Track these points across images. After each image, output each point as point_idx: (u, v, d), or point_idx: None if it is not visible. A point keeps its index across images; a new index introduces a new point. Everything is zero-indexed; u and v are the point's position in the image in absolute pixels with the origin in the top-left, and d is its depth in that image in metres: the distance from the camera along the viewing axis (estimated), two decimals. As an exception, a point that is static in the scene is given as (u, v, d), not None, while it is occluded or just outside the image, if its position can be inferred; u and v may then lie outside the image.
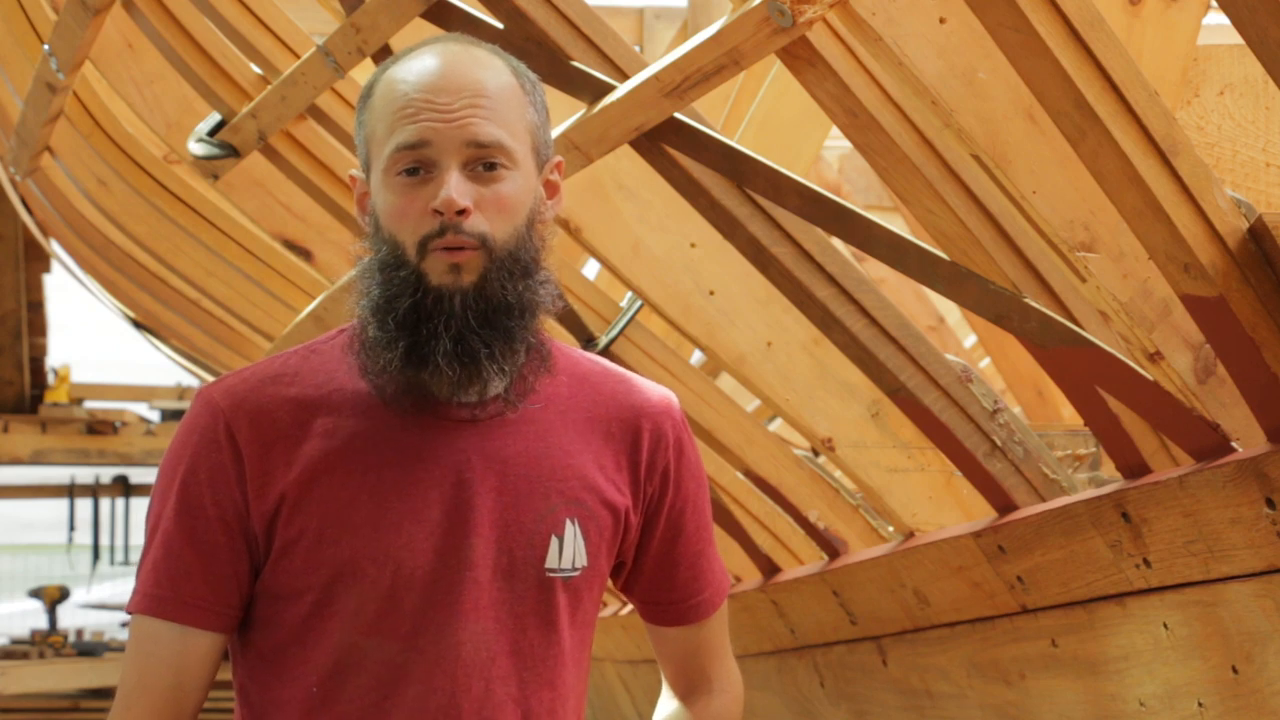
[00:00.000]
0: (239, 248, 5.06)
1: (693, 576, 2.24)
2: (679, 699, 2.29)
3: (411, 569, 2.05)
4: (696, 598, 2.25)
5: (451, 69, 2.05)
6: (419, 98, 2.03)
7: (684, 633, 2.27)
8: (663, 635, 2.28)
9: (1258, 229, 2.43)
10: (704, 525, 2.24)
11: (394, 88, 2.05)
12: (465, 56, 2.07)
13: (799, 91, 3.34)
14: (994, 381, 6.46)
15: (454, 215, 2.01)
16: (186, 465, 2.07)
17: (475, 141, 2.02)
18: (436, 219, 2.01)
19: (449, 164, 2.02)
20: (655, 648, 2.31)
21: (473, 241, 2.02)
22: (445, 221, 2.01)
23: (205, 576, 2.07)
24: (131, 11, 4.17)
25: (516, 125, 2.06)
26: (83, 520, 13.38)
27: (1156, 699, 3.01)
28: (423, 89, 2.03)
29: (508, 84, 2.07)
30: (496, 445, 2.09)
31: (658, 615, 2.27)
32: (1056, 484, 3.26)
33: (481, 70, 2.06)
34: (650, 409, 2.18)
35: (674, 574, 2.22)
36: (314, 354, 2.13)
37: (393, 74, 2.07)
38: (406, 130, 2.02)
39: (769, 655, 4.47)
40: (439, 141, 2.02)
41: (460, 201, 2.01)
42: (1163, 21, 3.01)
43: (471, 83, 2.04)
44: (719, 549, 2.32)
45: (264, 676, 2.10)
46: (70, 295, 10.19)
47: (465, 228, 2.01)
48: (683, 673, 2.29)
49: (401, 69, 2.07)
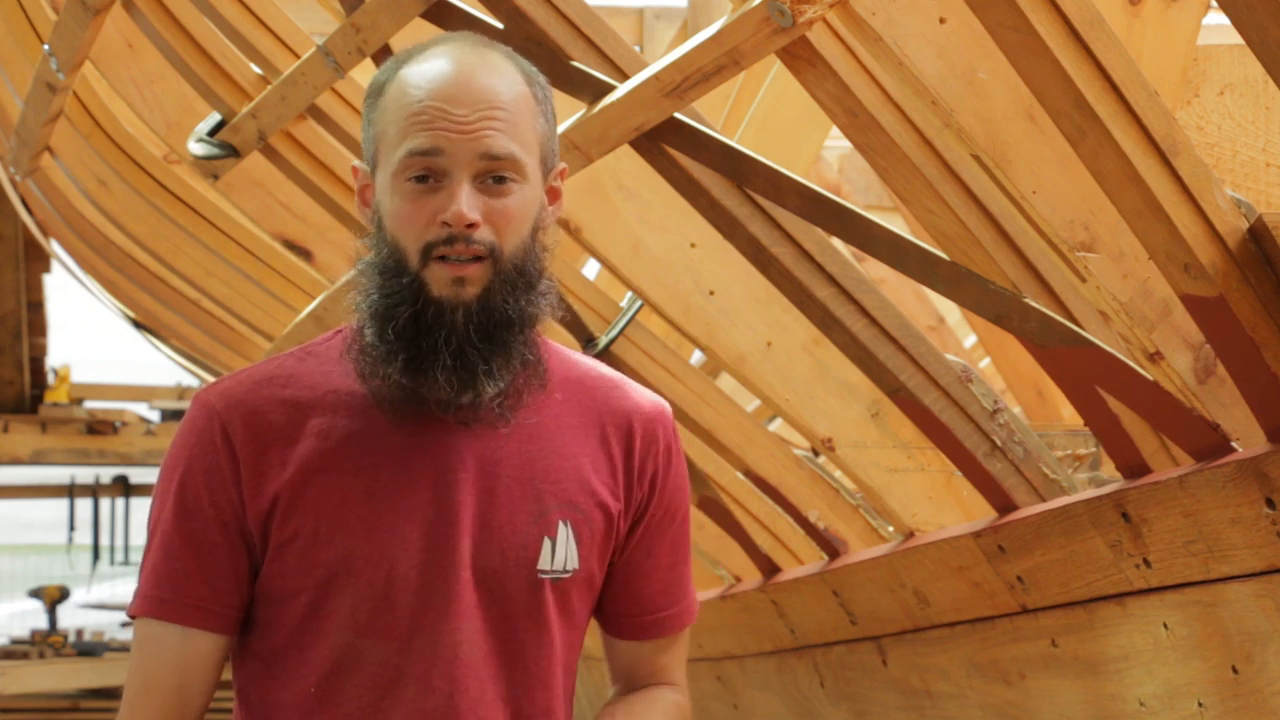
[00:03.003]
0: (239, 248, 5.06)
1: (661, 590, 2.21)
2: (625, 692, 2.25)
3: (405, 569, 2.05)
4: (662, 611, 2.21)
5: (467, 76, 2.04)
6: (433, 105, 2.02)
7: (643, 649, 2.23)
8: (618, 649, 2.24)
9: (1258, 229, 2.43)
10: (682, 541, 2.22)
11: (408, 91, 2.04)
12: (480, 63, 2.06)
13: (799, 91, 3.34)
14: (994, 381, 6.46)
15: (463, 229, 2.01)
16: (183, 467, 2.08)
17: (489, 154, 2.02)
18: (444, 229, 2.01)
19: (460, 175, 2.01)
20: (609, 660, 2.25)
21: (481, 250, 2.02)
22: (454, 233, 2.01)
23: (205, 578, 2.07)
24: (131, 11, 4.17)
25: (528, 136, 2.05)
26: (83, 520, 13.37)
27: (1156, 699, 3.01)
28: (438, 96, 2.02)
29: (521, 94, 2.06)
30: (490, 447, 2.09)
31: (618, 627, 2.23)
32: (1056, 484, 3.26)
33: (497, 79, 2.05)
34: (643, 414, 2.18)
35: (644, 584, 2.20)
36: (310, 356, 2.13)
37: (406, 75, 2.06)
38: (419, 138, 2.02)
39: (769, 655, 4.47)
40: (452, 152, 2.01)
41: (470, 216, 2.01)
42: (1163, 21, 3.01)
43: (487, 93, 2.03)
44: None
45: (262, 679, 2.11)
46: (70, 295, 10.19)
47: (474, 239, 2.02)
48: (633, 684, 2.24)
49: (415, 71, 2.05)
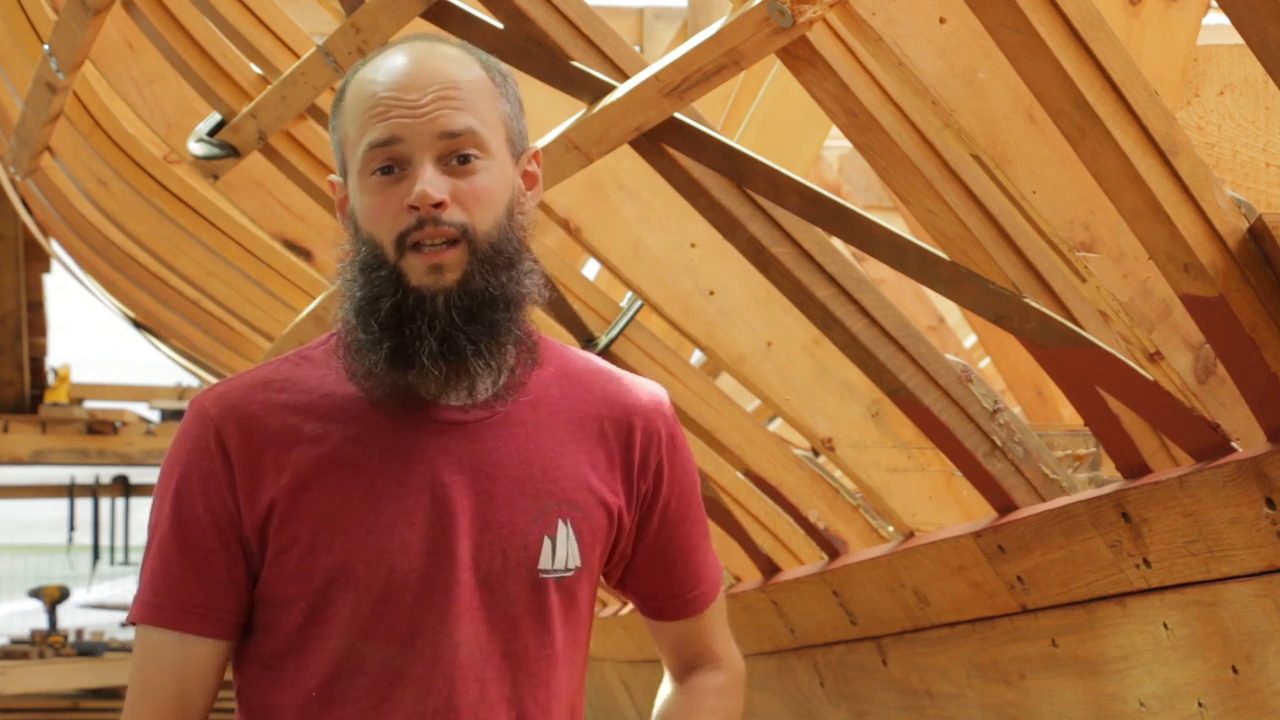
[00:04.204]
0: (239, 248, 5.06)
1: (689, 571, 2.24)
2: (676, 680, 2.30)
3: (405, 572, 2.05)
4: (694, 591, 2.26)
5: (419, 65, 2.05)
6: (388, 96, 2.03)
7: (683, 625, 2.28)
8: (663, 628, 2.29)
9: (1258, 229, 2.43)
10: (698, 520, 2.25)
11: (363, 88, 2.06)
12: (432, 53, 2.07)
13: (799, 91, 3.34)
14: (994, 381, 6.46)
15: (430, 209, 2.00)
16: (180, 474, 2.08)
17: (447, 132, 2.02)
18: (413, 214, 2.01)
19: (422, 159, 2.02)
20: (655, 638, 2.32)
21: (453, 232, 2.01)
22: (423, 215, 2.01)
23: (202, 584, 2.07)
24: (131, 11, 4.17)
25: (488, 115, 2.05)
26: (83, 520, 13.39)
27: (1156, 699, 3.01)
28: (391, 87, 2.03)
29: (476, 76, 2.07)
30: (487, 447, 2.08)
31: (656, 610, 2.28)
32: (1056, 484, 3.26)
33: (449, 64, 2.06)
34: (642, 406, 2.18)
35: (671, 570, 2.23)
36: (305, 360, 2.13)
37: (362, 75, 2.07)
38: (377, 129, 2.02)
39: (769, 655, 4.47)
40: (410, 137, 2.02)
41: (435, 195, 2.00)
42: (1163, 21, 3.01)
43: (440, 76, 2.04)
44: (719, 550, 2.32)
45: (263, 682, 2.10)
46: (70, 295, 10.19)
47: (444, 219, 2.01)
48: (681, 657, 2.30)
49: (369, 70, 2.07)
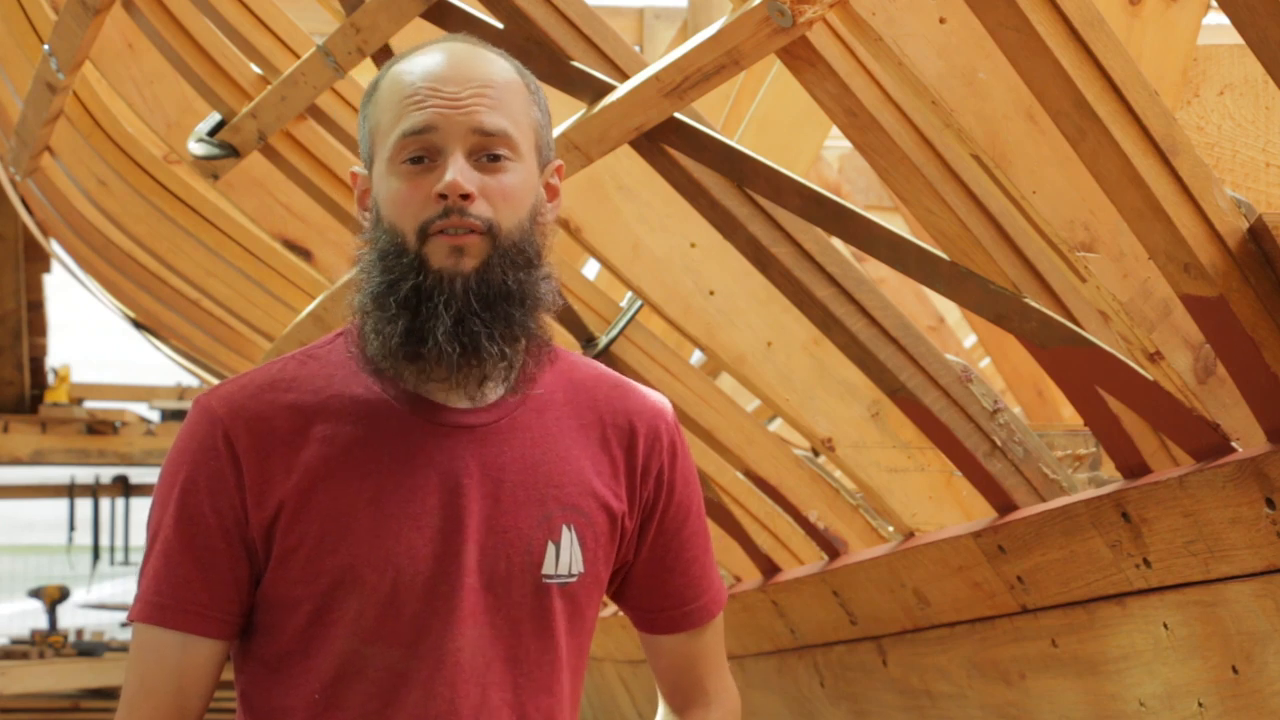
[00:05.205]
0: (239, 248, 5.06)
1: (687, 583, 2.22)
2: (675, 714, 2.28)
3: (411, 575, 2.04)
4: (692, 604, 2.23)
5: (459, 61, 2.06)
6: (425, 86, 2.04)
7: (679, 641, 2.24)
8: (658, 645, 2.26)
9: (1258, 229, 2.43)
10: (698, 531, 2.23)
11: (400, 79, 2.07)
12: (471, 53, 2.09)
13: (799, 91, 3.34)
14: (994, 381, 6.47)
15: (458, 199, 2.00)
16: (185, 474, 2.07)
17: (481, 129, 2.03)
18: (440, 203, 2.01)
19: (454, 150, 2.02)
20: (650, 660, 2.28)
21: (479, 225, 2.01)
22: (450, 205, 2.01)
23: (205, 584, 2.06)
24: (131, 11, 4.17)
25: (521, 119, 2.06)
26: (83, 520, 13.38)
27: (1156, 699, 3.01)
28: (429, 78, 2.05)
29: (513, 80, 2.08)
30: (494, 452, 2.08)
31: (652, 623, 2.25)
32: (1056, 484, 3.26)
33: (488, 65, 2.08)
34: (645, 414, 2.17)
35: (668, 580, 2.21)
36: (311, 359, 2.12)
37: (399, 68, 2.09)
38: (413, 117, 2.03)
39: (769, 655, 4.47)
40: (445, 127, 2.02)
41: (465, 185, 2.00)
42: (1163, 21, 3.01)
43: (479, 74, 2.05)
44: (719, 549, 2.31)
45: (266, 684, 2.10)
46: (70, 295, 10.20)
47: (471, 211, 2.01)
48: (678, 686, 2.27)
49: (408, 64, 2.08)
